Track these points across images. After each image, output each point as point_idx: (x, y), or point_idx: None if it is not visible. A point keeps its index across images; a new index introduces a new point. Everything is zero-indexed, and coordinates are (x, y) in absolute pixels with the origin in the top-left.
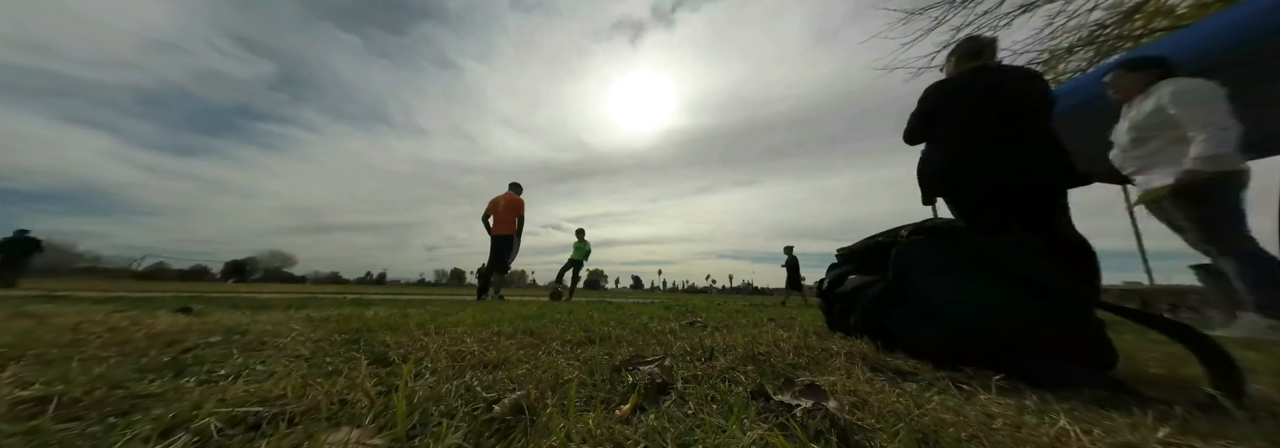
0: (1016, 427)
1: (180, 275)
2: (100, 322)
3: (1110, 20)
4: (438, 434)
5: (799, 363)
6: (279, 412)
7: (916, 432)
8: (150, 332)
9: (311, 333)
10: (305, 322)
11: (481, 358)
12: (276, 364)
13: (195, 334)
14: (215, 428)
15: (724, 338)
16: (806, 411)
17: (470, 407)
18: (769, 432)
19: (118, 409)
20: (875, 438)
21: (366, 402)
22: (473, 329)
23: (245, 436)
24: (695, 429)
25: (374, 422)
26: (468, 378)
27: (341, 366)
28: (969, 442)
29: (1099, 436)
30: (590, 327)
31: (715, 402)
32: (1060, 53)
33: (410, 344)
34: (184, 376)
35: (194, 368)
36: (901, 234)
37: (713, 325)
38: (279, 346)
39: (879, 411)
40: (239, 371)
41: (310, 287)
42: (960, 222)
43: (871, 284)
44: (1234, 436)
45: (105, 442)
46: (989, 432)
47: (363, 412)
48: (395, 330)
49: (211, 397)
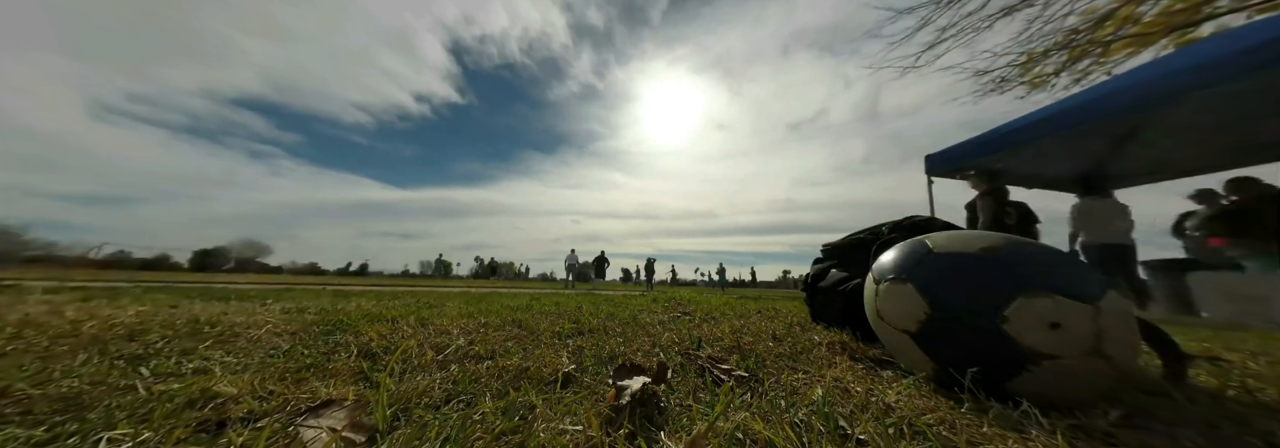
0: (982, 412)
1: (143, 265)
2: (52, 313)
3: (1083, 26)
4: (418, 426)
5: (783, 352)
6: (251, 407)
7: (893, 419)
8: (109, 323)
9: (288, 325)
10: (281, 313)
11: (469, 351)
12: (250, 357)
13: (159, 326)
14: (183, 423)
15: (711, 329)
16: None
17: (456, 400)
18: (751, 418)
19: (71, 404)
20: (856, 422)
21: (347, 395)
22: (457, 321)
23: (213, 431)
24: (682, 416)
25: (354, 415)
26: (453, 371)
27: (321, 358)
28: (938, 426)
29: (1056, 418)
30: (579, 319)
31: (702, 390)
32: (1037, 55)
33: (393, 336)
34: (145, 369)
35: (157, 361)
36: (883, 230)
37: (701, 317)
38: (253, 338)
39: (861, 398)
40: (207, 364)
41: (287, 277)
42: (937, 220)
43: (852, 278)
44: (1173, 418)
45: (53, 438)
46: (957, 416)
47: (342, 405)
48: (378, 322)
49: (181, 391)
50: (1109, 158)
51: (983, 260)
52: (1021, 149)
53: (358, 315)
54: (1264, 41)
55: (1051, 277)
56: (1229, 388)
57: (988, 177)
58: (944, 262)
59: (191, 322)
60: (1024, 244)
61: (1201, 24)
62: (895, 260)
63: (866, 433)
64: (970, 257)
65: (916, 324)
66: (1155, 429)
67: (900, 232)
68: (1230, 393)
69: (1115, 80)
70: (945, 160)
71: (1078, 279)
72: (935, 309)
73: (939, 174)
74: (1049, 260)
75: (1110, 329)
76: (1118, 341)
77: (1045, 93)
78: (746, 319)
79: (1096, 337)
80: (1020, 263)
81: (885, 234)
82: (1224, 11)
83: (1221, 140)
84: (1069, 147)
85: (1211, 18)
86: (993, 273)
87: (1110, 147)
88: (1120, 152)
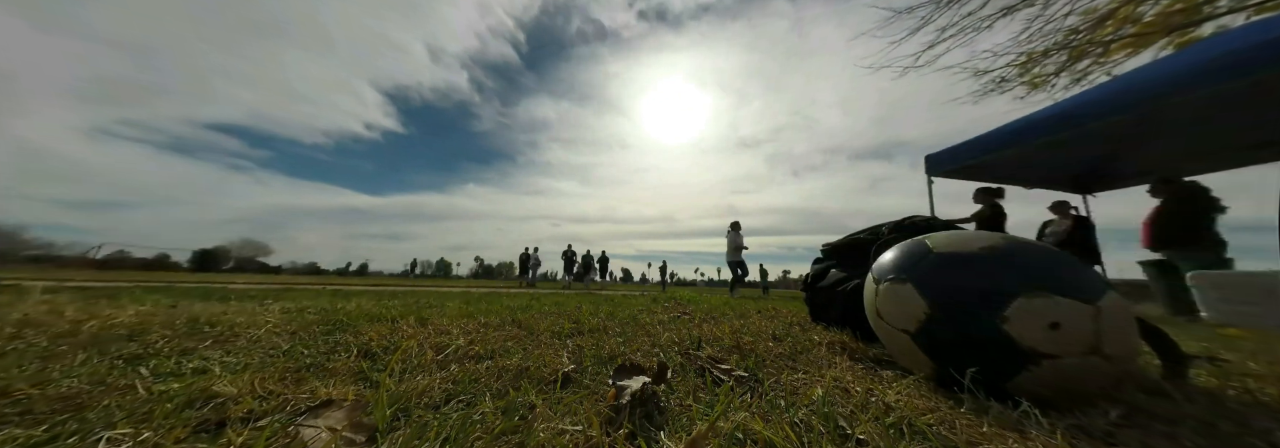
0: (981, 412)
1: (143, 265)
2: (52, 313)
3: (1083, 26)
4: (418, 426)
5: (783, 352)
6: (251, 407)
7: (894, 418)
8: (108, 323)
9: (287, 325)
10: (281, 313)
11: (468, 351)
12: (250, 357)
13: (159, 326)
14: (182, 423)
15: (711, 329)
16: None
17: (456, 400)
18: (751, 418)
19: (70, 404)
20: (855, 422)
21: (347, 395)
22: (457, 321)
23: (213, 431)
24: (682, 416)
25: (354, 415)
26: (453, 370)
27: (321, 358)
28: (938, 426)
29: (1056, 418)
30: (579, 319)
31: (702, 390)
32: (1036, 55)
33: (393, 336)
34: (145, 369)
35: (156, 361)
36: (882, 231)
37: (700, 317)
38: (253, 338)
39: (861, 398)
40: (207, 364)
41: (287, 277)
42: (938, 220)
43: (852, 278)
44: (1173, 418)
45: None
46: (957, 416)
47: (342, 405)
48: (378, 321)
49: (181, 391)
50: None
51: (983, 260)
52: (1017, 149)
53: (358, 315)
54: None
55: (1051, 277)
56: (1229, 388)
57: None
58: (944, 262)
59: (191, 322)
60: (1024, 244)
61: (1201, 24)
62: (895, 260)
63: (866, 433)
64: (970, 257)
65: (916, 324)
66: (1155, 429)
67: (900, 232)
68: (1230, 393)
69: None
70: (944, 160)
71: (1078, 279)
72: (935, 309)
73: (939, 174)
74: (1049, 261)
75: (1110, 329)
76: (1117, 341)
77: (1045, 93)
78: (746, 319)
79: (1096, 337)
80: (1020, 263)
81: (885, 234)
82: (1224, 12)
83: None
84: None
85: (1211, 18)
86: (992, 273)
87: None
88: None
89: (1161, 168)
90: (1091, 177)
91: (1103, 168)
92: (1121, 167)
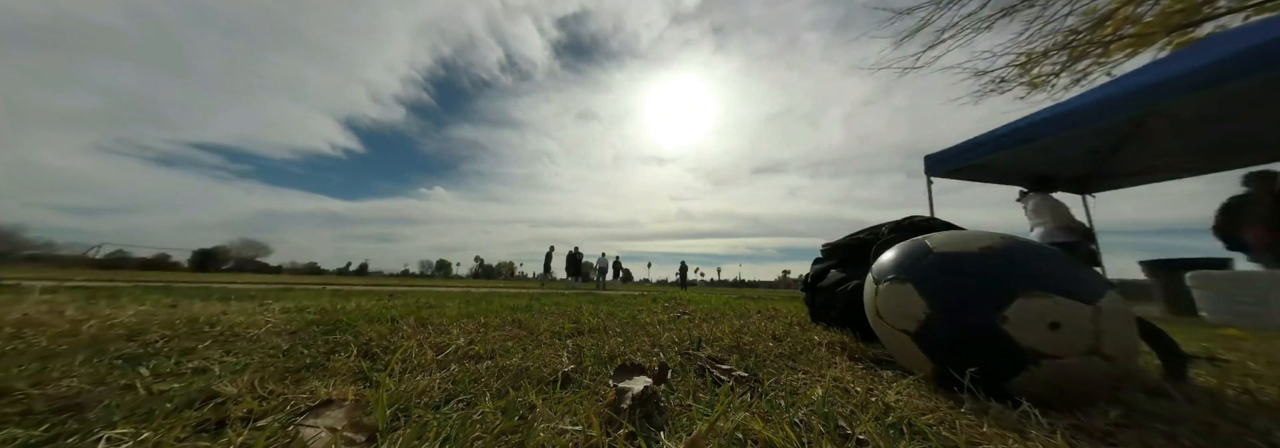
0: (981, 412)
1: (143, 265)
2: (52, 313)
3: (1083, 26)
4: (418, 426)
5: (783, 352)
6: (251, 407)
7: (894, 418)
8: (108, 323)
9: (287, 325)
10: (281, 313)
11: (468, 351)
12: (249, 357)
13: (159, 326)
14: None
15: (711, 329)
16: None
17: (456, 400)
18: (751, 418)
19: (70, 404)
20: (855, 422)
21: (347, 395)
22: (457, 321)
23: (213, 431)
24: (682, 416)
25: (354, 415)
26: (453, 370)
27: (320, 358)
28: (938, 426)
29: (1056, 418)
30: (579, 319)
31: (702, 390)
32: (1036, 56)
33: (393, 336)
34: (144, 369)
35: (156, 361)
36: (882, 231)
37: (700, 317)
38: (253, 338)
39: (861, 398)
40: (207, 364)
41: (287, 277)
42: (939, 220)
43: (852, 278)
44: (1173, 418)
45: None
46: (957, 416)
47: (342, 405)
48: (378, 321)
49: (180, 391)
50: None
51: (982, 260)
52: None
53: (357, 315)
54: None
55: (1051, 277)
56: (1229, 388)
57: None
58: (944, 261)
59: (191, 322)
60: (1023, 244)
61: (1201, 24)
62: (895, 260)
63: (866, 433)
64: (970, 256)
65: (916, 324)
66: (1155, 429)
67: (900, 232)
68: (1230, 393)
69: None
70: (944, 160)
71: (1077, 279)
72: (935, 309)
73: (939, 174)
74: (1048, 260)
75: (1110, 329)
76: (1117, 340)
77: (1044, 93)
78: (746, 319)
79: (1096, 337)
80: (1020, 263)
81: (885, 234)
82: (1223, 12)
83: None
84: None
85: (1211, 18)
86: (992, 273)
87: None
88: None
89: (1162, 168)
90: (1091, 177)
91: (1102, 168)
92: (1121, 166)
